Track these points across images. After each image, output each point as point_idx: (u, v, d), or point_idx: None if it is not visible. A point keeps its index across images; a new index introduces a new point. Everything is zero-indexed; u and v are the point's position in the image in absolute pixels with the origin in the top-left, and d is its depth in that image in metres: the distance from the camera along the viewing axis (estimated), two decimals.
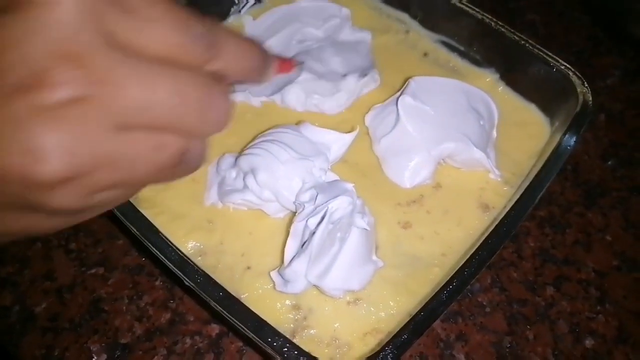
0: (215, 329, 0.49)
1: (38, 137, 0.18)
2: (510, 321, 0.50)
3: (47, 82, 0.18)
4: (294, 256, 0.41)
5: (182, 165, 0.22)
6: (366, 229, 0.42)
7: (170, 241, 0.40)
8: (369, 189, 0.49)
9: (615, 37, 0.71)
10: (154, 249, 0.40)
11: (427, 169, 0.50)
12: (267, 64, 0.26)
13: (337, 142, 0.49)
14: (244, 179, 0.47)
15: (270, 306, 0.44)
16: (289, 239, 0.43)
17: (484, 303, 0.51)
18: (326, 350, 0.42)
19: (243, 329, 0.38)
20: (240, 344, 0.49)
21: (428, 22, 0.60)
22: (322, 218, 0.40)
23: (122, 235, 0.54)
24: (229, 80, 0.24)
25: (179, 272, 0.39)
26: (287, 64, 0.35)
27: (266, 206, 0.47)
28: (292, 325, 0.43)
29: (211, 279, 0.39)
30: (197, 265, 0.39)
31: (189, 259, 0.40)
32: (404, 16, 0.62)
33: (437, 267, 0.46)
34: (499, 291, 0.52)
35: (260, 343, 0.37)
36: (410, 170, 0.50)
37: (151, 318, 0.50)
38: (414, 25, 0.61)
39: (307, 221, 0.42)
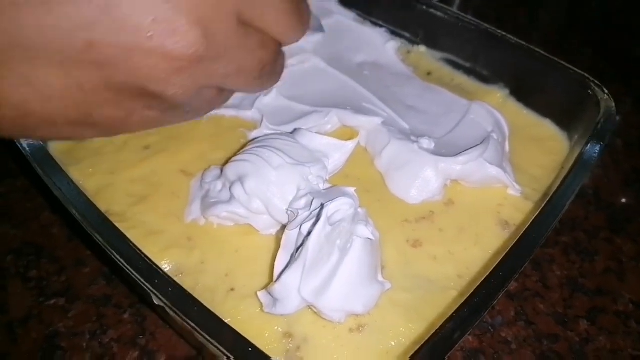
0: None
1: (181, 10, 0.19)
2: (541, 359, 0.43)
3: None
4: (285, 267, 0.35)
5: (275, 68, 0.26)
6: (371, 239, 0.36)
7: (136, 247, 0.34)
8: (373, 206, 0.43)
9: (619, 66, 0.68)
10: (115, 254, 0.33)
11: (436, 182, 0.45)
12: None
13: (337, 151, 0.44)
14: (230, 189, 0.41)
15: (256, 333, 0.36)
16: (280, 250, 0.36)
17: (509, 339, 0.44)
18: None
19: (227, 356, 0.30)
20: None
21: (430, 40, 0.57)
22: (319, 219, 0.34)
23: (90, 261, 0.48)
24: None
25: (145, 283, 0.32)
26: None
27: (255, 220, 0.41)
28: (282, 356, 0.36)
29: (186, 292, 0.32)
30: (168, 275, 0.33)
31: (159, 267, 0.33)
32: (405, 35, 0.59)
33: (453, 290, 0.40)
34: (525, 325, 0.45)
35: None
36: (416, 185, 0.45)
37: (115, 357, 0.42)
38: (415, 44, 0.58)
39: (300, 227, 0.36)
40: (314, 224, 0.34)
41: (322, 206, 0.35)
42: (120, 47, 0.18)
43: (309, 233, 0.34)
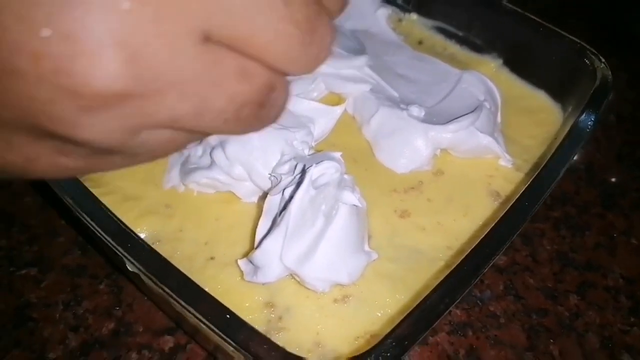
0: (168, 341, 0.40)
1: (99, 19, 0.12)
2: (530, 334, 0.42)
3: None
4: (266, 233, 0.33)
5: (264, 109, 0.16)
6: (357, 206, 0.35)
7: (110, 210, 0.32)
8: (360, 175, 0.41)
9: (615, 41, 0.67)
10: (87, 218, 0.31)
11: (425, 151, 0.43)
12: None
13: (324, 116, 0.43)
14: (210, 154, 0.39)
15: (236, 303, 0.34)
16: (262, 216, 0.35)
17: (498, 313, 0.43)
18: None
19: (209, 326, 0.29)
20: None
21: (422, 7, 0.55)
22: (302, 182, 0.32)
23: (64, 231, 0.45)
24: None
25: (118, 247, 0.30)
26: None
27: (237, 187, 0.39)
28: (264, 327, 0.34)
29: (161, 256, 0.31)
30: (142, 239, 0.31)
31: (132, 231, 0.31)
32: (396, 2, 0.57)
33: (441, 260, 0.38)
34: (514, 299, 0.44)
35: (234, 345, 0.28)
36: (405, 153, 0.43)
37: (90, 328, 0.40)
38: (407, 11, 0.56)
39: (283, 192, 0.34)
40: (297, 188, 0.32)
41: (305, 169, 0.33)
42: None
43: (292, 197, 0.32)
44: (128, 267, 0.31)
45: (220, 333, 0.28)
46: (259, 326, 0.34)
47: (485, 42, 0.52)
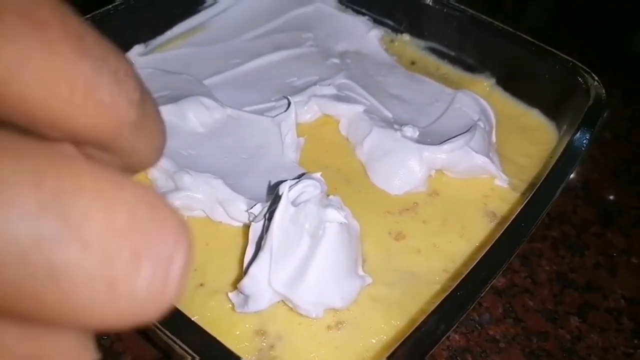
0: None
1: None
2: (531, 358, 0.40)
3: None
4: (252, 259, 0.32)
5: None
6: (344, 222, 0.33)
7: None
8: (354, 197, 0.41)
9: (608, 60, 0.67)
10: None
11: (420, 172, 0.42)
12: None
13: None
14: (173, 179, 0.39)
15: (226, 331, 0.33)
16: (248, 245, 0.34)
17: (497, 337, 0.42)
18: None
19: (192, 356, 0.28)
20: None
21: (414, 28, 0.55)
22: (279, 201, 0.32)
23: None
24: None
25: None
26: None
27: (213, 207, 0.39)
28: (255, 356, 0.33)
29: None
30: None
31: None
32: (388, 23, 0.57)
33: (437, 284, 0.37)
34: (513, 322, 0.42)
35: None
36: (399, 175, 0.43)
37: None
38: (399, 32, 0.56)
39: (265, 217, 0.33)
40: (275, 209, 0.31)
41: (280, 189, 0.32)
42: None
43: (272, 215, 0.32)
44: None
45: None
46: (250, 355, 0.33)
47: (478, 61, 0.52)
